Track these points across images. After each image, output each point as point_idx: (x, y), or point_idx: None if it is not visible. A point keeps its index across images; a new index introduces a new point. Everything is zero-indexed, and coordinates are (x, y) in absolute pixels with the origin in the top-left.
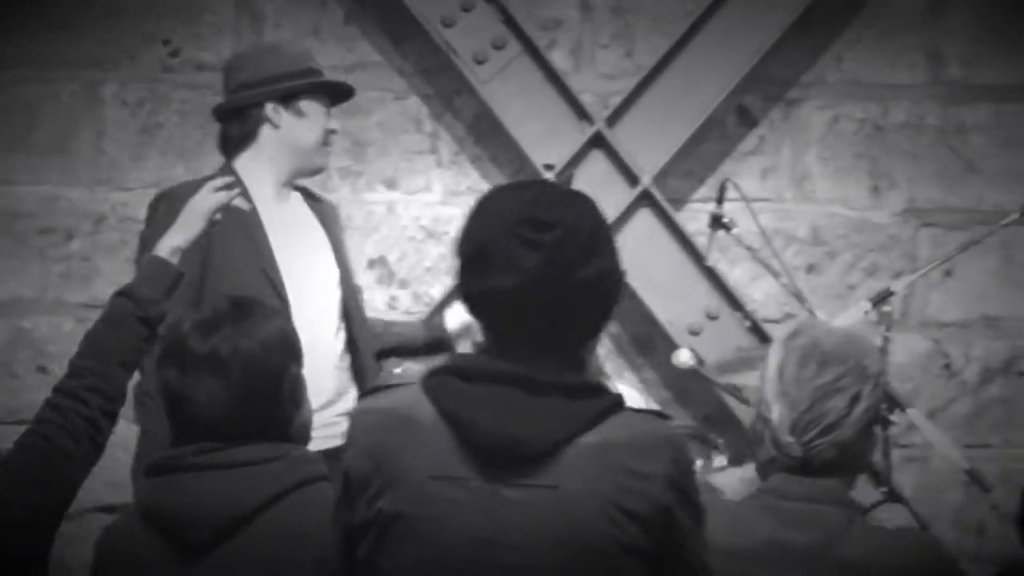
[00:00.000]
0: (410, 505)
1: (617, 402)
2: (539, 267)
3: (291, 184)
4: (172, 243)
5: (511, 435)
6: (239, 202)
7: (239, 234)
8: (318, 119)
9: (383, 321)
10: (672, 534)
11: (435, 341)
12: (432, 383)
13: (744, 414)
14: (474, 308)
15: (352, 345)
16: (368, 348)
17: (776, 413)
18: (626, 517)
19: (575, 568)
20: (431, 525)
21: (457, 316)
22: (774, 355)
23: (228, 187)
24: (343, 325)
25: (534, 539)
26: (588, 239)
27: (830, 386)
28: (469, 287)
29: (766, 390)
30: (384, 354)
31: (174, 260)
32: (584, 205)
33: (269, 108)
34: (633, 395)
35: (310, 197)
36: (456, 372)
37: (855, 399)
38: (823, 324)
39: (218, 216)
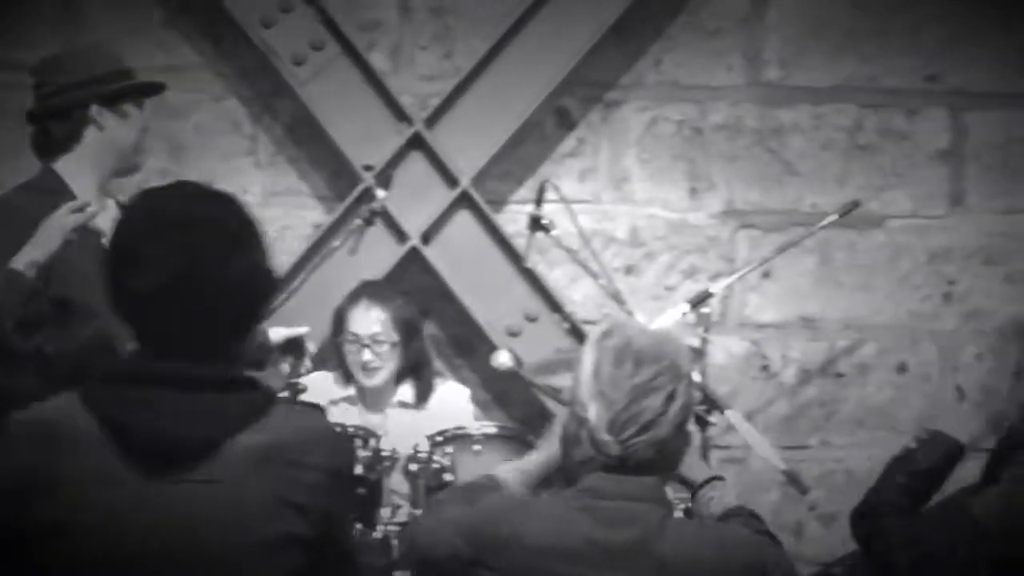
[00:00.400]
0: (67, 512)
1: (270, 395)
2: (183, 266)
3: (107, 186)
4: (29, 258)
5: (169, 435)
6: (95, 223)
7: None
8: (137, 120)
9: None
10: (331, 522)
11: (258, 360)
12: (87, 390)
13: (563, 415)
14: (123, 311)
15: None
16: None
17: (593, 412)
18: (289, 508)
19: (241, 558)
20: (91, 530)
21: (278, 333)
22: (588, 355)
23: (83, 208)
24: None
25: (199, 533)
26: (232, 237)
27: (646, 385)
28: (116, 291)
29: (581, 390)
30: None
31: (30, 274)
32: (228, 204)
33: (94, 110)
34: (458, 390)
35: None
36: (111, 377)
37: (670, 397)
38: (634, 324)
39: (74, 235)
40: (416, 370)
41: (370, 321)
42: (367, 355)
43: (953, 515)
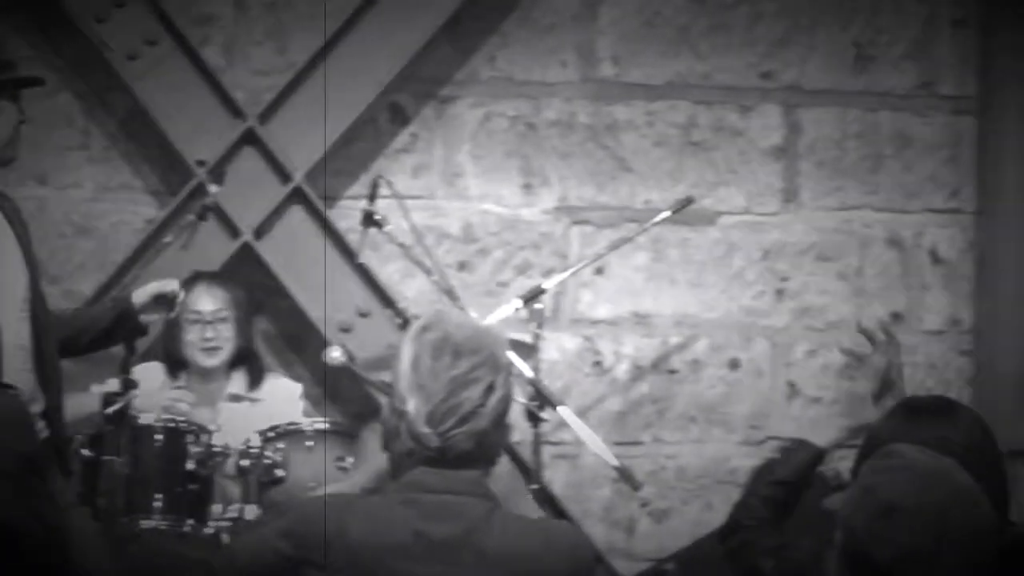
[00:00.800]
0: None
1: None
2: None
3: None
4: None
5: None
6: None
7: None
8: (11, 113)
9: (70, 310)
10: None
11: (123, 315)
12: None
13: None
14: None
15: (38, 347)
16: (52, 350)
17: (412, 405)
18: None
19: None
20: None
21: (143, 291)
22: (406, 349)
23: None
24: (32, 327)
25: None
26: None
27: (465, 377)
28: None
29: (400, 384)
30: (75, 340)
31: None
32: None
33: None
34: (289, 385)
35: None
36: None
37: (489, 389)
38: (452, 317)
39: None
40: (248, 358)
41: (212, 299)
42: (209, 332)
43: (817, 517)
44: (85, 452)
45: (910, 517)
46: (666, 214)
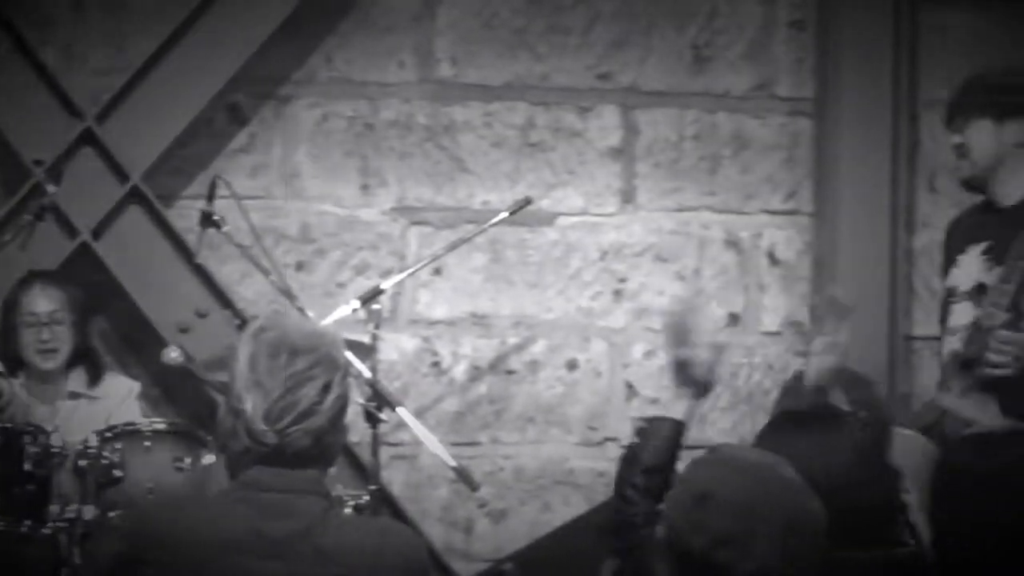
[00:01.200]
0: None
1: None
2: None
3: None
4: None
5: None
6: None
7: None
8: None
9: None
10: None
11: None
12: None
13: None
14: None
15: None
16: None
17: (249, 403)
18: None
19: None
20: None
21: None
22: (244, 348)
23: None
24: None
25: None
26: None
27: (302, 375)
28: None
29: (237, 383)
30: None
31: None
32: None
33: None
34: (128, 384)
35: None
36: None
37: (326, 388)
38: (290, 317)
39: None
40: (87, 355)
41: (48, 300)
42: (45, 334)
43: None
44: None
45: (721, 504)
46: (504, 215)
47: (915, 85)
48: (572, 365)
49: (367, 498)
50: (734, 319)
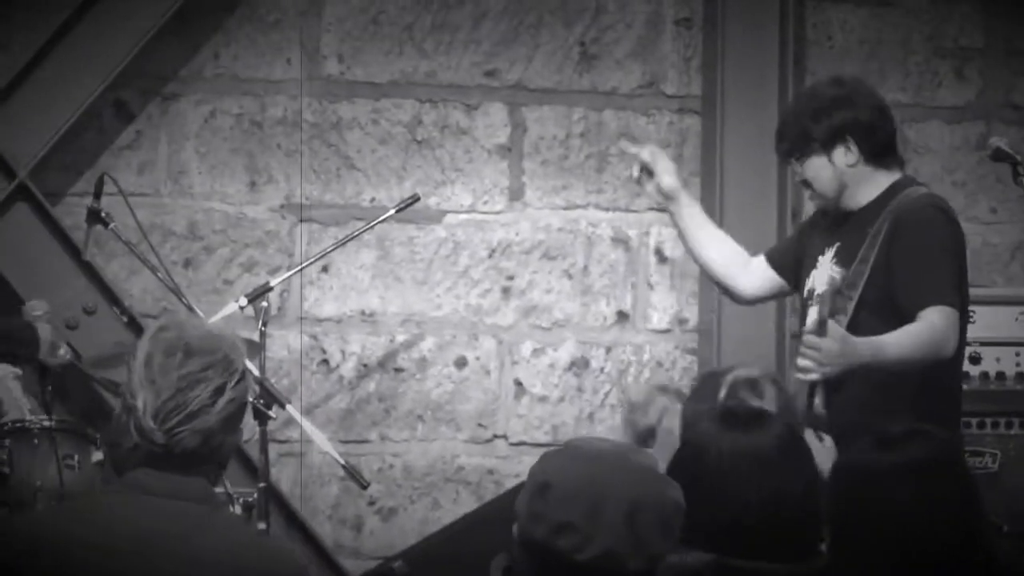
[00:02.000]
0: None
1: None
2: None
3: None
4: None
5: None
6: None
7: None
8: None
9: None
10: None
11: None
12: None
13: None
14: None
15: None
16: None
17: (141, 400)
18: None
19: None
20: None
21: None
22: (142, 347)
23: None
24: None
25: None
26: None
27: (195, 376)
28: None
29: (132, 380)
30: None
31: None
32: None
33: None
34: (12, 382)
35: None
36: None
37: (219, 390)
38: (191, 320)
39: None
40: None
41: None
42: None
43: None
44: None
45: (559, 493)
46: (391, 212)
47: (801, 82)
48: (461, 363)
49: (256, 496)
50: (623, 317)
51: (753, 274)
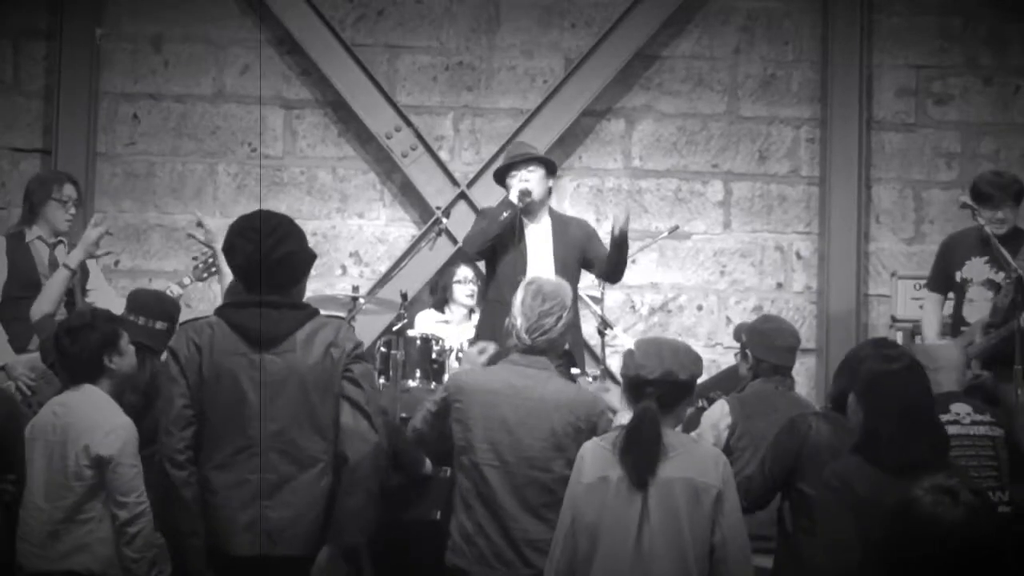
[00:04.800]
0: (214, 370)
1: (314, 311)
2: (254, 251)
3: None
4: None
5: (267, 329)
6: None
7: None
8: None
9: None
10: (346, 375)
11: None
12: (218, 311)
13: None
14: (235, 272)
15: None
16: None
17: (520, 322)
18: (331, 362)
19: (309, 393)
20: (226, 379)
21: None
22: (519, 292)
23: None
24: None
25: (286, 380)
26: (279, 235)
27: (547, 311)
28: (230, 263)
29: (513, 307)
30: None
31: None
32: (278, 218)
33: None
34: None
35: None
36: (230, 305)
37: (559, 318)
38: (546, 277)
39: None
40: None
41: None
42: None
43: None
44: None
45: (638, 352)
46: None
47: None
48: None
49: (598, 373)
50: (780, 287)
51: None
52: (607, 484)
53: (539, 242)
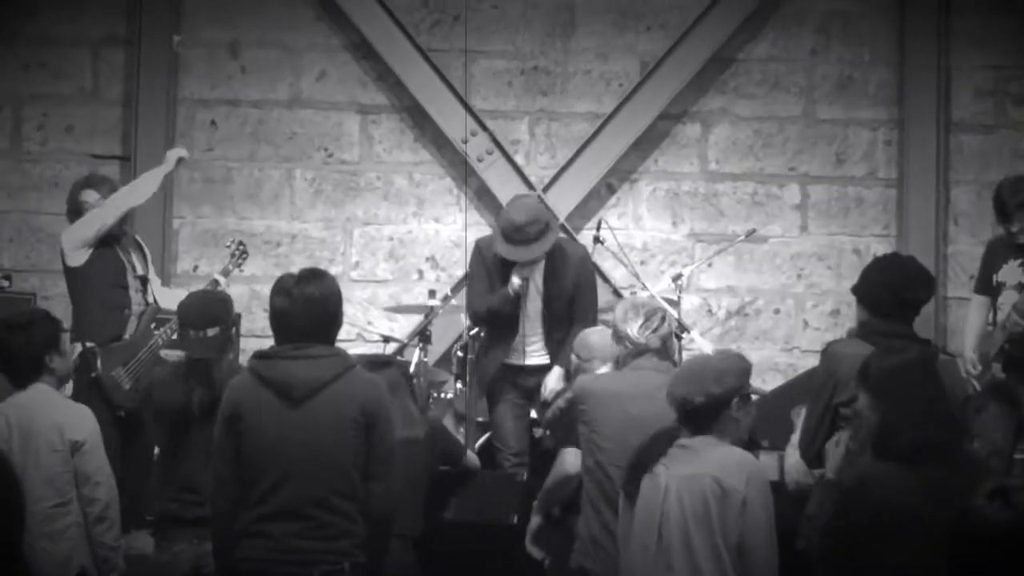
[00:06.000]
0: (255, 418)
1: (351, 363)
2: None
3: None
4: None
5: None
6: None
7: None
8: None
9: None
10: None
11: None
12: (250, 364)
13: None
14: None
15: None
16: None
17: (630, 329)
18: (354, 422)
19: (334, 443)
20: (260, 429)
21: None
22: (619, 308)
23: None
24: None
25: (316, 433)
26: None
27: (653, 316)
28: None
29: (618, 318)
30: None
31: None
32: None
33: None
34: None
35: None
36: (260, 356)
37: (663, 320)
38: (641, 295)
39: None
40: None
41: None
42: None
43: None
44: None
45: (682, 371)
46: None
47: None
48: None
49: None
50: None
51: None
52: (642, 481)
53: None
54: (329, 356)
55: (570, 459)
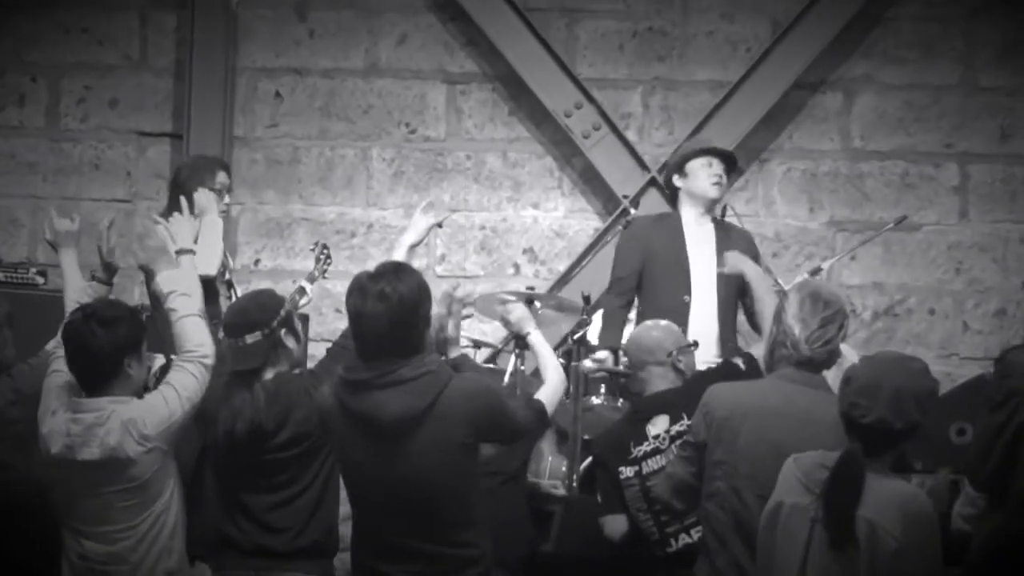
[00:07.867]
0: (347, 455)
1: (446, 378)
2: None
3: None
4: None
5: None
6: None
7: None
8: None
9: None
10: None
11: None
12: (337, 392)
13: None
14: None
15: None
16: None
17: (797, 331)
18: (462, 447)
19: (443, 474)
20: (356, 465)
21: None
22: (792, 297)
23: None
24: None
25: (419, 469)
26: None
27: (829, 317)
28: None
29: (787, 314)
30: None
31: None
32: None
33: None
34: None
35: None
36: (346, 383)
37: (841, 326)
38: (816, 280)
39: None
40: None
41: None
42: None
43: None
44: None
45: (854, 383)
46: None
47: None
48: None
49: None
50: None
51: None
52: (780, 510)
53: (703, 258)
54: (419, 377)
55: (615, 526)
